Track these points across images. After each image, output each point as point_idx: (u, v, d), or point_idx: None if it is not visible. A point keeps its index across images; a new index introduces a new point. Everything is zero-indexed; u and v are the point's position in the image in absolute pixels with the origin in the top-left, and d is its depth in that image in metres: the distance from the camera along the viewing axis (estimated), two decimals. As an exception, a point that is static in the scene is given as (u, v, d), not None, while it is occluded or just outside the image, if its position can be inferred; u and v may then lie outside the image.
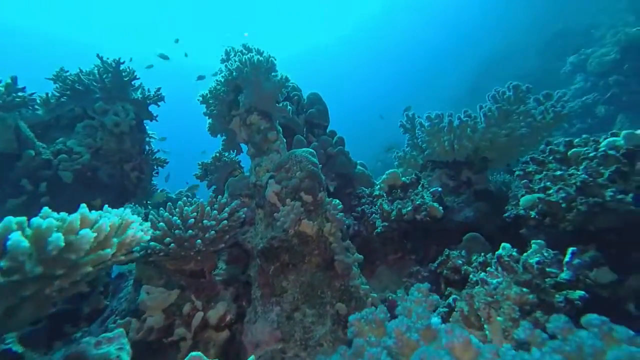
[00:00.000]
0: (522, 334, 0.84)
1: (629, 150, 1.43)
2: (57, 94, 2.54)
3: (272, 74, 2.19)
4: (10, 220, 0.70)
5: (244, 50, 2.26)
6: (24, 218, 0.73)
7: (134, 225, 0.98)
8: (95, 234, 0.78)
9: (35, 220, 0.72)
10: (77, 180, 2.30)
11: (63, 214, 0.78)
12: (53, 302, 0.86)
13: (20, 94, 2.15)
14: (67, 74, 2.52)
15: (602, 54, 8.46)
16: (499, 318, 1.02)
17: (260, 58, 2.11)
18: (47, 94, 2.54)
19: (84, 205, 0.83)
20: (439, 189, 2.48)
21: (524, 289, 1.06)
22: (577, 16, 12.05)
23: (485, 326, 1.05)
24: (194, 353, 0.97)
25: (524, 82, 2.62)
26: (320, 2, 25.00)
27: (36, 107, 2.36)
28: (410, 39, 25.02)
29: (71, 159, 2.22)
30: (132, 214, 1.10)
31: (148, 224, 1.16)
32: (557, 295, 1.29)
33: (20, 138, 2.04)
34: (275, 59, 2.21)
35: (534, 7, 14.49)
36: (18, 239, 0.67)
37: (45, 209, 0.79)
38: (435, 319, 1.05)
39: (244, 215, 1.94)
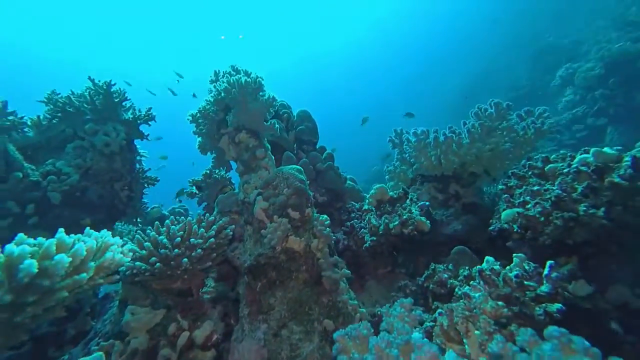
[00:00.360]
0: (495, 348, 0.86)
1: (597, 167, 1.48)
2: (49, 116, 2.58)
3: (260, 93, 2.25)
4: (-20, 247, 0.72)
5: (232, 72, 2.33)
6: (-5, 245, 0.74)
7: (113, 248, 1.00)
8: (70, 259, 0.79)
9: (8, 247, 0.73)
10: (66, 200, 2.30)
11: (40, 239, 0.79)
12: (26, 330, 0.85)
13: (10, 117, 2.18)
14: (59, 96, 2.56)
15: (588, 69, 8.76)
16: (476, 332, 1.03)
17: (248, 79, 2.17)
18: (38, 116, 2.57)
19: (61, 229, 0.84)
20: (427, 203, 2.52)
21: (499, 303, 1.07)
22: (564, 31, 12.52)
23: (464, 340, 1.06)
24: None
25: (517, 94, 2.71)
26: (321, 10, 25.34)
27: (26, 129, 2.39)
28: (410, 47, 25.56)
29: (60, 179, 2.23)
30: (114, 236, 1.11)
31: (129, 245, 1.16)
32: (537, 308, 1.31)
33: (8, 161, 2.05)
34: (262, 79, 2.27)
35: (525, 22, 15.04)
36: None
37: (20, 235, 0.80)
38: (416, 334, 1.06)
39: (231, 233, 1.95)
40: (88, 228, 1.05)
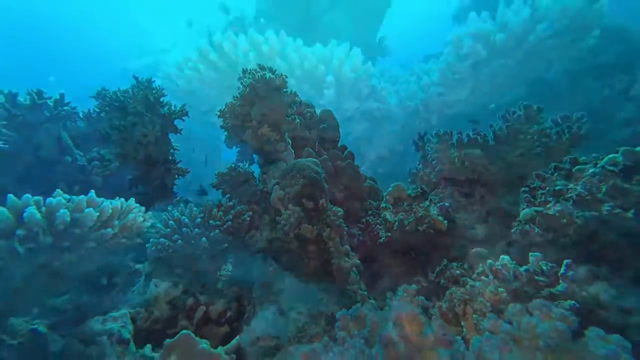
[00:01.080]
0: (486, 324, 0.86)
1: (626, 167, 1.40)
2: (97, 110, 2.87)
3: (283, 90, 2.36)
4: (28, 197, 0.86)
5: (258, 69, 2.46)
6: (40, 197, 0.88)
7: (135, 211, 1.12)
8: (98, 214, 0.92)
9: (48, 199, 0.87)
10: (107, 184, 2.55)
11: (73, 197, 0.92)
12: (65, 278, 0.99)
13: (65, 108, 2.47)
14: (107, 92, 2.86)
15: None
16: (474, 315, 1.03)
17: (272, 76, 2.29)
18: (89, 110, 2.88)
19: (92, 191, 0.97)
20: (447, 204, 2.47)
21: (499, 289, 1.06)
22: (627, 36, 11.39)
23: (462, 323, 1.06)
24: (184, 331, 1.05)
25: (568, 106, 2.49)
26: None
27: (78, 120, 2.69)
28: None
29: (102, 165, 2.49)
30: (136, 204, 1.24)
31: (150, 212, 1.29)
32: (548, 305, 1.26)
33: (62, 146, 2.33)
34: (286, 77, 2.38)
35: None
36: (32, 211, 0.82)
37: (58, 190, 0.94)
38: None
39: (248, 219, 2.05)
40: (117, 197, 1.18)
